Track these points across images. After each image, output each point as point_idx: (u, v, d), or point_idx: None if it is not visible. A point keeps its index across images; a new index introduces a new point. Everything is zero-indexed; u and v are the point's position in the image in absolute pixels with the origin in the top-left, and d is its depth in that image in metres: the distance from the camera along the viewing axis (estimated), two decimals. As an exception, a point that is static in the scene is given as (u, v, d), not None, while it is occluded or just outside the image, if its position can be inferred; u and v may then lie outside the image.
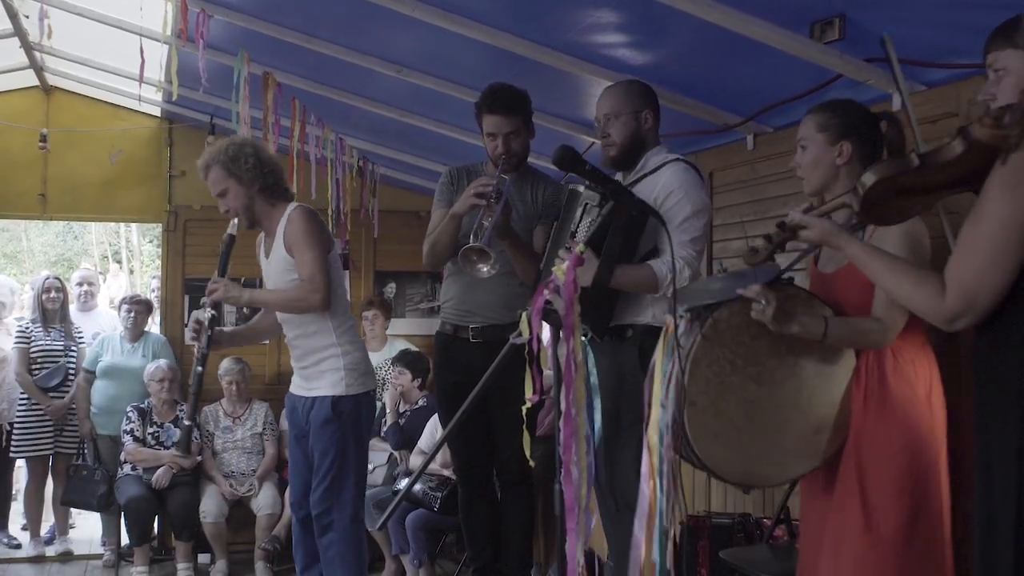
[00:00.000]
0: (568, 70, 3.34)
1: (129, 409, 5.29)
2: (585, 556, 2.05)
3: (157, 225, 6.35)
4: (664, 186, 2.79)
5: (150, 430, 5.28)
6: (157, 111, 5.88)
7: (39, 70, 5.50)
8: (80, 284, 6.16)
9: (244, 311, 5.51)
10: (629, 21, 3.01)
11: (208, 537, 5.19)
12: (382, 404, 5.22)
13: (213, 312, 3.31)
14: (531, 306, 2.04)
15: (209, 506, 5.14)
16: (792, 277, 2.37)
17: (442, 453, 4.31)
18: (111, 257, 17.55)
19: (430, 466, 3.81)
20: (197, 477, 5.27)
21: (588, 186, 2.73)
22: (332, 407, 3.31)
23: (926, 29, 2.53)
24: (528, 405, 2.15)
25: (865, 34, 2.62)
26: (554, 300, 2.03)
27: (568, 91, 3.67)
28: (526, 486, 3.61)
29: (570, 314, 2.01)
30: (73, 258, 17.64)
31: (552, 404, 2.22)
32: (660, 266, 2.71)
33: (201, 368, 3.29)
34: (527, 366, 2.07)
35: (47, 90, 5.84)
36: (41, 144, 5.65)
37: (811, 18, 2.67)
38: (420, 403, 5.20)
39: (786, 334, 2.17)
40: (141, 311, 5.64)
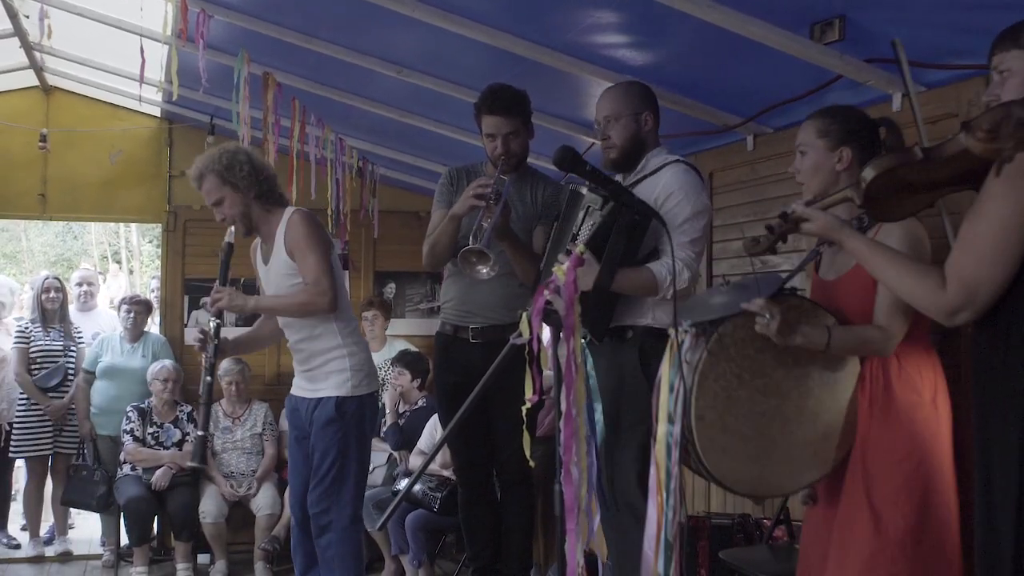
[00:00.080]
0: (568, 70, 3.34)
1: (129, 409, 5.29)
2: (585, 557, 2.05)
3: (157, 225, 6.34)
4: (664, 187, 2.78)
5: (150, 430, 5.28)
6: (157, 111, 5.88)
7: (39, 70, 5.50)
8: (80, 284, 6.15)
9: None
10: (629, 22, 3.01)
11: (208, 537, 5.19)
12: (382, 404, 5.22)
13: (218, 321, 3.30)
14: (531, 306, 2.04)
15: (209, 506, 5.14)
16: (795, 287, 2.38)
17: (442, 453, 4.31)
18: (111, 257, 17.54)
19: (430, 466, 3.80)
20: (197, 477, 5.26)
21: (591, 188, 2.72)
22: (336, 407, 3.30)
23: (926, 30, 2.53)
24: (528, 406, 2.15)
25: (865, 35, 2.62)
26: (554, 301, 2.03)
27: (568, 91, 3.67)
28: (526, 486, 3.61)
29: (570, 315, 2.01)
30: (73, 258, 17.63)
31: (552, 404, 2.22)
32: (660, 268, 2.70)
33: (210, 378, 3.28)
34: (527, 366, 2.07)
35: (47, 90, 5.84)
36: (41, 144, 5.65)
37: (811, 19, 2.67)
38: (420, 403, 5.20)
39: (790, 345, 2.18)
40: (141, 311, 5.63)
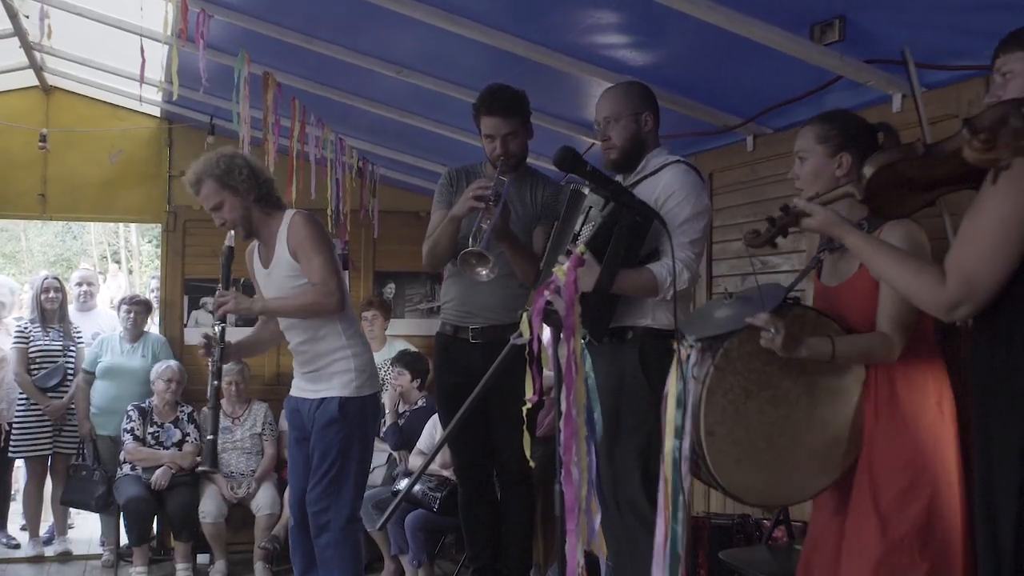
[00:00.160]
0: (568, 71, 3.34)
1: (130, 408, 5.30)
2: (585, 557, 2.05)
3: (156, 225, 6.34)
4: (665, 187, 2.78)
5: (150, 430, 5.28)
6: (157, 111, 5.88)
7: (39, 70, 5.49)
8: (80, 284, 6.15)
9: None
10: (629, 22, 3.01)
11: (207, 537, 5.19)
12: (381, 405, 5.21)
13: (223, 324, 3.28)
14: (532, 307, 2.04)
15: (208, 506, 5.14)
16: (798, 297, 2.38)
17: (441, 453, 4.31)
18: (110, 257, 17.53)
19: (430, 466, 3.80)
20: (196, 477, 5.26)
21: (592, 189, 2.71)
22: (340, 407, 3.30)
23: (926, 31, 2.53)
24: (528, 406, 2.15)
25: (865, 36, 2.62)
26: (555, 301, 2.03)
27: (568, 92, 3.67)
28: (526, 486, 3.61)
29: (571, 315, 2.01)
30: (72, 258, 17.61)
31: (552, 404, 2.22)
32: (660, 269, 2.70)
33: (217, 382, 3.27)
34: (527, 367, 2.07)
35: (47, 90, 5.83)
36: (41, 144, 5.65)
37: (811, 19, 2.67)
38: (419, 404, 5.20)
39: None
40: (140, 311, 5.64)
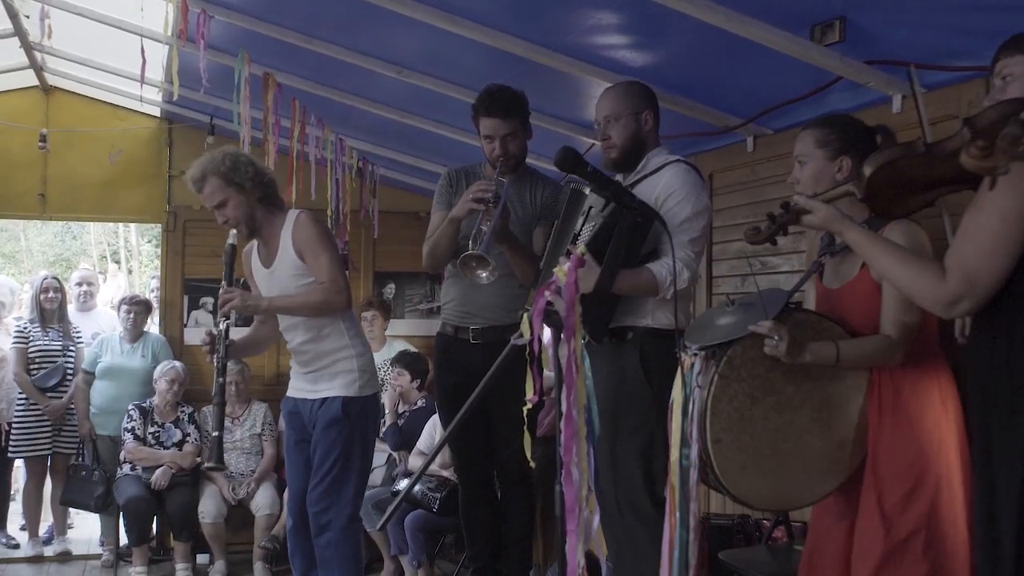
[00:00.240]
0: (568, 71, 3.34)
1: (131, 407, 5.29)
2: (586, 557, 2.06)
3: (156, 225, 6.34)
4: (665, 186, 2.78)
5: (151, 429, 5.28)
6: (157, 111, 5.88)
7: (39, 70, 5.49)
8: (80, 284, 6.15)
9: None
10: (629, 22, 3.01)
11: (207, 537, 5.19)
12: (381, 405, 5.21)
13: (228, 321, 3.25)
14: (532, 307, 2.05)
15: (208, 506, 5.14)
16: (800, 302, 2.38)
17: (441, 454, 4.31)
18: (110, 257, 17.53)
19: (429, 467, 3.81)
20: (196, 477, 5.27)
21: (593, 189, 2.71)
22: (342, 407, 3.29)
23: (925, 31, 2.53)
24: (528, 406, 2.15)
25: (865, 36, 2.62)
26: (555, 301, 2.03)
27: (568, 92, 3.67)
28: (526, 486, 3.61)
29: (571, 316, 2.01)
30: (72, 258, 17.60)
31: (552, 404, 2.22)
32: (660, 269, 2.70)
33: (222, 379, 3.25)
34: (528, 367, 2.07)
35: (47, 90, 5.83)
36: (41, 144, 5.65)
37: (811, 20, 2.67)
38: (419, 404, 5.20)
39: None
40: (140, 311, 5.63)
